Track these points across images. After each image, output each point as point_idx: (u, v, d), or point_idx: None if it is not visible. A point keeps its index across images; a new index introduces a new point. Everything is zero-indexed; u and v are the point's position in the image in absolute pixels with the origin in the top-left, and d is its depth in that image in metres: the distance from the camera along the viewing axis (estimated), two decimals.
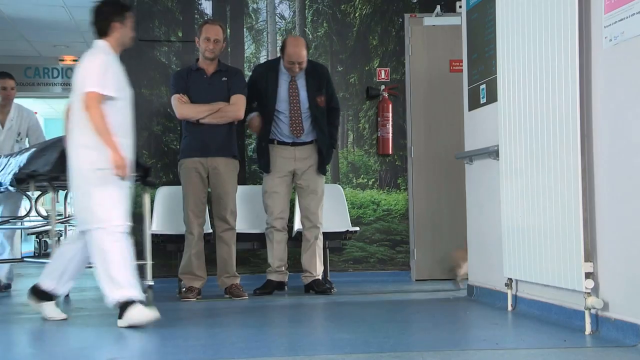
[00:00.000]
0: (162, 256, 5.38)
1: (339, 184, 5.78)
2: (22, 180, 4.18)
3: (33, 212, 4.62)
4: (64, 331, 3.57)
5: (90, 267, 3.63)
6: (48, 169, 3.98)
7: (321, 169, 4.86)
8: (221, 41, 4.72)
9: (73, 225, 4.88)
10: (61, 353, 3.03)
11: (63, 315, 3.69)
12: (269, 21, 5.92)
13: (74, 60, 10.41)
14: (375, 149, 5.90)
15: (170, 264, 5.24)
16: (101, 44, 3.59)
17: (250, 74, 5.82)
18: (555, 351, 2.77)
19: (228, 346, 3.02)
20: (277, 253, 4.82)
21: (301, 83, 4.82)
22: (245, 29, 5.90)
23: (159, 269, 5.42)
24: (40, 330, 3.58)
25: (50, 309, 3.66)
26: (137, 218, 5.50)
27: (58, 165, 3.91)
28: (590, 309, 3.04)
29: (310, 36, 5.92)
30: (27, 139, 5.47)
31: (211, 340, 3.14)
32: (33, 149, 4.36)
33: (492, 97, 4.04)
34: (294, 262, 5.08)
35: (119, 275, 3.43)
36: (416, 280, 5.65)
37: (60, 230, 11.36)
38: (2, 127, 5.31)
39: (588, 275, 3.04)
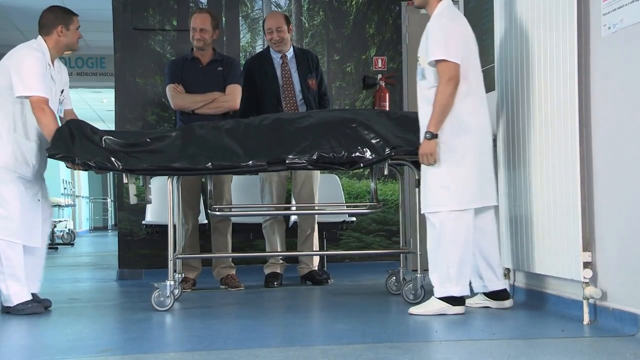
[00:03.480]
0: (156, 247, 5.36)
1: (335, 174, 5.75)
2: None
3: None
4: (58, 322, 3.54)
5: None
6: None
7: None
8: (209, 29, 4.62)
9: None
10: (56, 344, 3.01)
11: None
12: (264, 9, 5.88)
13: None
14: None
15: (165, 255, 5.20)
16: None
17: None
18: (554, 341, 2.76)
19: (223, 337, 3.01)
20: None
21: (292, 66, 4.79)
22: (240, 18, 5.85)
23: (153, 260, 5.41)
24: (35, 322, 3.56)
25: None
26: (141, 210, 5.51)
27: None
28: (588, 299, 3.02)
29: (307, 25, 5.88)
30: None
31: (207, 331, 3.12)
32: (351, 118, 3.64)
33: (490, 86, 4.01)
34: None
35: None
36: (412, 270, 5.63)
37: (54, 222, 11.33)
38: (54, 81, 3.87)
39: (586, 265, 3.03)
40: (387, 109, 5.80)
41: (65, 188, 15.73)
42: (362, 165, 3.60)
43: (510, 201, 3.65)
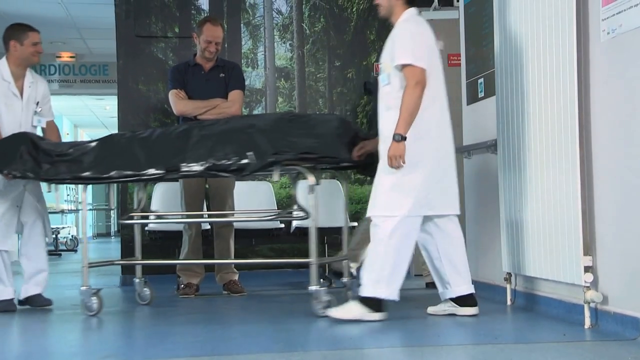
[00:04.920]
0: (159, 253, 5.37)
1: (337, 180, 5.76)
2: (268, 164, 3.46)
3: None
4: (61, 328, 3.56)
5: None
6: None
7: None
8: (221, 42, 4.70)
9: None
10: (59, 350, 3.02)
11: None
12: (266, 17, 5.91)
13: (70, 57, 10.39)
14: None
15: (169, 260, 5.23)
16: None
17: (247, 69, 5.82)
18: (555, 345, 2.76)
19: (226, 342, 3.02)
20: None
21: None
22: (242, 25, 5.88)
23: (156, 266, 5.42)
24: (38, 328, 3.57)
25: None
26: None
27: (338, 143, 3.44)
28: (589, 303, 3.03)
29: (308, 31, 5.91)
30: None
31: (209, 336, 3.13)
32: (252, 124, 3.59)
33: (490, 91, 4.03)
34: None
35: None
36: (415, 275, 5.64)
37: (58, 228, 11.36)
38: (21, 97, 4.14)
39: (587, 269, 3.03)
40: None
41: (68, 195, 15.76)
42: (246, 172, 3.53)
43: (510, 205, 3.66)
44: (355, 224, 5.39)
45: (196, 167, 3.52)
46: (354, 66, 5.93)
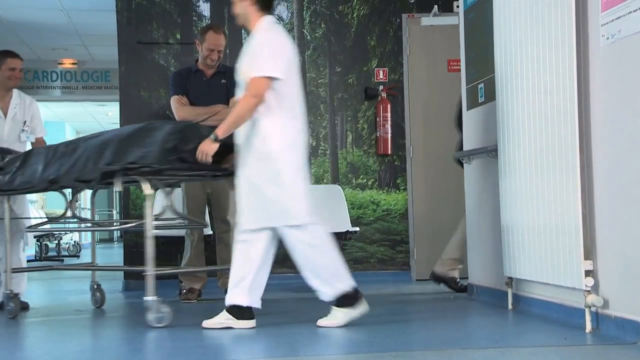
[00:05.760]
0: (162, 258, 5.38)
1: (338, 185, 5.79)
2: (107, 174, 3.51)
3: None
4: (64, 334, 3.57)
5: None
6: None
7: None
8: (223, 49, 4.72)
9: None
10: (61, 356, 3.03)
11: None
12: None
13: (72, 64, 10.43)
14: (374, 149, 5.92)
15: (171, 266, 5.24)
16: None
17: None
18: (556, 349, 2.77)
19: (229, 347, 3.03)
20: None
21: None
22: (243, 31, 5.90)
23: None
24: (40, 334, 3.58)
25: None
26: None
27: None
28: (590, 307, 3.04)
29: (309, 37, 5.93)
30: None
31: (212, 341, 3.14)
32: (116, 135, 3.62)
33: (490, 96, 4.04)
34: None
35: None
36: (416, 280, 5.66)
37: (60, 232, 11.41)
38: (5, 116, 4.56)
39: (588, 273, 3.04)
40: (389, 120, 5.84)
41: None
42: (91, 184, 3.66)
43: (511, 210, 3.67)
44: (357, 229, 5.41)
45: (68, 180, 3.69)
46: (355, 72, 5.95)
